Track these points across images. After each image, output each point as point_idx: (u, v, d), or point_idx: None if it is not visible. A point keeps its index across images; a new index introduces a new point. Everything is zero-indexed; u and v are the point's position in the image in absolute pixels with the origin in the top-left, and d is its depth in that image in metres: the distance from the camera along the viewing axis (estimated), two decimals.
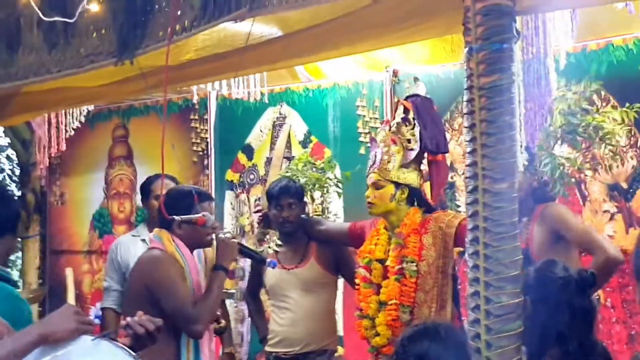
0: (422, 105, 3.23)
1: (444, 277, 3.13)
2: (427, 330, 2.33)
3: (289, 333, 3.69)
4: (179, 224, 3.23)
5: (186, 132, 5.26)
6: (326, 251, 3.72)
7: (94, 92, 3.66)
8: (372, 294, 3.23)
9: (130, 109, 5.57)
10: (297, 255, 3.75)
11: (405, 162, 3.20)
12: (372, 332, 3.21)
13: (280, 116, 4.89)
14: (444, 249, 3.12)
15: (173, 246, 3.19)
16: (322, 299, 3.73)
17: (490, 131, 2.29)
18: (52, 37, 3.14)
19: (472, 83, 2.32)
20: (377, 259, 3.24)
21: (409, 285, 3.11)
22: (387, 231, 3.29)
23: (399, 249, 3.17)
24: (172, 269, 3.12)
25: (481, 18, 2.29)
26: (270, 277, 3.78)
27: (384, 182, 3.20)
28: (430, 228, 3.15)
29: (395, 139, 3.19)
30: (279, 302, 3.76)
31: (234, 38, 3.16)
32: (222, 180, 5.11)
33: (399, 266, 3.13)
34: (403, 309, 3.11)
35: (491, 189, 2.29)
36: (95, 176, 5.77)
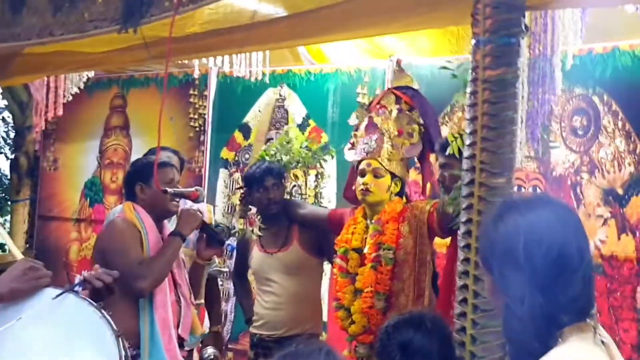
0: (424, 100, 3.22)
1: (422, 266, 3.11)
2: (413, 320, 2.33)
3: (272, 316, 3.68)
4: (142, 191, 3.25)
5: (184, 107, 5.23)
6: (309, 234, 3.69)
7: (96, 58, 3.62)
8: (348, 283, 3.21)
9: (130, 80, 5.54)
10: (279, 239, 3.72)
11: (405, 156, 3.18)
12: (348, 322, 3.19)
13: (280, 97, 4.87)
14: (420, 236, 3.10)
15: (133, 214, 3.20)
16: (306, 283, 3.71)
17: (491, 124, 2.29)
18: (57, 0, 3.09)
19: (477, 75, 2.32)
20: (353, 248, 3.22)
21: (385, 272, 3.09)
22: (365, 219, 3.26)
23: (376, 235, 3.14)
24: (127, 233, 3.14)
25: (490, 10, 2.29)
26: (254, 261, 3.76)
27: (384, 172, 3.16)
28: (407, 216, 3.13)
29: (402, 131, 3.16)
30: (263, 285, 3.74)
31: (240, 14, 3.13)
32: (217, 157, 5.10)
33: (375, 253, 3.11)
34: (378, 297, 3.09)
35: (488, 183, 2.29)
36: (90, 144, 5.75)
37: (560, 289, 1.37)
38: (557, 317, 1.37)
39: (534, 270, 1.37)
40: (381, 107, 3.24)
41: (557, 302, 1.37)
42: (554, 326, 1.37)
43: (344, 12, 2.84)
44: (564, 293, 1.37)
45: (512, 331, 1.41)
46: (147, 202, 3.25)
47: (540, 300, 1.36)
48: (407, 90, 3.23)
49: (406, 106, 3.19)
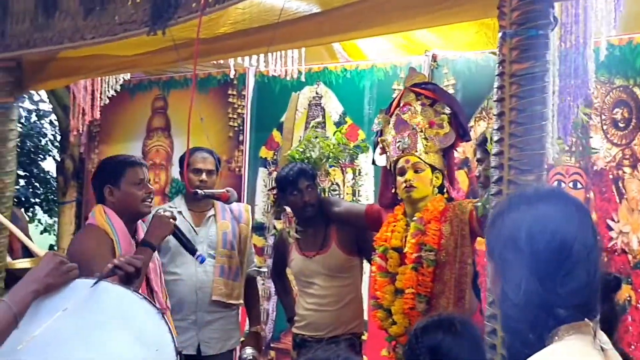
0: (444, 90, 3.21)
1: (462, 268, 3.05)
2: (442, 322, 2.28)
3: (315, 318, 3.68)
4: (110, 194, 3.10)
5: (223, 107, 5.24)
6: (347, 234, 3.66)
7: (128, 61, 3.65)
8: (387, 283, 3.17)
9: (170, 81, 5.58)
10: (317, 241, 3.69)
11: (441, 147, 3.14)
12: (389, 322, 3.16)
13: (317, 95, 4.84)
14: (462, 237, 3.04)
15: (104, 218, 3.07)
16: (347, 283, 3.70)
17: (519, 120, 2.23)
18: (89, 3, 3.13)
19: (504, 69, 2.26)
20: (393, 247, 3.17)
21: (427, 274, 3.03)
22: (405, 217, 3.21)
23: (418, 235, 3.08)
24: (96, 241, 3.00)
25: (517, 2, 2.23)
26: (294, 263, 3.75)
27: (423, 166, 3.12)
28: (449, 216, 3.07)
29: (434, 122, 3.12)
30: (304, 287, 3.74)
31: (270, 13, 3.12)
32: (256, 156, 5.09)
33: (416, 254, 3.06)
34: (420, 299, 3.05)
35: (517, 180, 2.23)
36: (133, 145, 5.77)
37: (560, 280, 1.33)
38: (553, 309, 1.33)
39: (533, 256, 1.35)
40: (404, 105, 3.20)
41: (555, 293, 1.33)
42: (551, 318, 1.33)
43: (370, 8, 2.81)
44: (563, 285, 1.33)
45: (508, 319, 1.38)
46: (116, 205, 3.10)
47: (538, 288, 1.33)
48: (426, 85, 3.20)
49: (427, 100, 3.15)
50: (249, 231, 4.02)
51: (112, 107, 5.50)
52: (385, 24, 2.93)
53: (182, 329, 3.95)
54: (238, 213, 3.99)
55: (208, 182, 3.87)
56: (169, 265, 3.85)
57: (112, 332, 2.17)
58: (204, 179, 3.86)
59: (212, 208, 3.95)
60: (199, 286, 3.86)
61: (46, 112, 7.01)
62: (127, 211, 3.11)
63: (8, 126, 3.47)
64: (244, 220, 4.00)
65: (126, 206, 3.10)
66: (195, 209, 3.96)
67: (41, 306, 2.15)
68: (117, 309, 2.21)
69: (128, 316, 2.19)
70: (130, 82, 5.55)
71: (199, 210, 3.95)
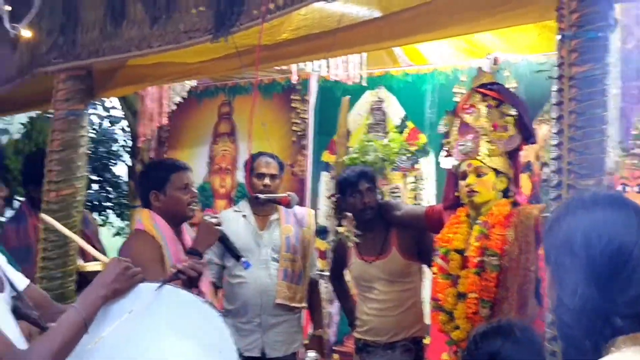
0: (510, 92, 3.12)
1: (526, 275, 2.97)
2: (501, 328, 2.25)
3: (376, 323, 3.67)
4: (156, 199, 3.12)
5: (287, 112, 5.30)
6: (408, 239, 3.63)
7: (193, 68, 3.72)
8: (449, 285, 3.12)
9: (236, 87, 5.67)
10: (377, 245, 3.67)
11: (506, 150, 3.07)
12: (451, 326, 3.11)
13: (378, 100, 4.85)
14: (526, 243, 2.97)
15: (151, 223, 3.10)
16: (408, 288, 3.68)
17: (578, 124, 2.20)
18: (154, 12, 3.20)
19: (563, 72, 2.24)
20: (455, 249, 3.12)
21: (490, 279, 2.97)
22: (469, 219, 3.15)
23: (482, 239, 3.03)
24: (146, 247, 3.02)
25: (576, 4, 2.20)
26: (354, 268, 3.75)
27: (486, 169, 3.06)
28: (513, 222, 3.00)
29: (497, 125, 3.06)
30: (365, 292, 3.73)
31: (330, 18, 3.15)
32: (319, 161, 5.13)
33: (479, 258, 3.00)
34: (483, 304, 2.99)
35: (576, 185, 2.20)
36: (200, 150, 5.88)
37: (618, 288, 1.29)
38: (610, 317, 1.29)
39: (590, 262, 1.31)
40: (469, 107, 3.15)
41: (613, 300, 1.29)
42: (607, 327, 1.30)
43: (430, 11, 2.81)
44: (621, 292, 1.29)
45: (563, 324, 1.35)
46: (162, 210, 3.13)
47: (594, 294, 1.30)
48: (492, 86, 3.13)
49: (494, 102, 3.09)
50: (311, 235, 4.04)
51: (180, 112, 5.64)
52: (445, 27, 2.91)
53: (247, 331, 4.02)
54: (301, 217, 4.03)
55: (271, 187, 3.91)
56: (234, 269, 3.93)
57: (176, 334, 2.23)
58: (267, 183, 3.90)
59: (276, 212, 3.99)
60: (263, 289, 3.91)
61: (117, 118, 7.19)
62: (173, 215, 3.14)
63: (79, 132, 3.56)
64: (307, 224, 4.03)
65: (172, 211, 3.13)
66: (259, 212, 4.01)
67: (108, 309, 2.21)
68: (181, 312, 2.26)
69: (191, 319, 2.25)
70: (197, 88, 5.68)
71: (263, 214, 4.01)
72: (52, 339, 2.04)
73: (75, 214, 3.54)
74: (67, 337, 2.05)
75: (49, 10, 3.53)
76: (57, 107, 3.56)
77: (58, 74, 3.59)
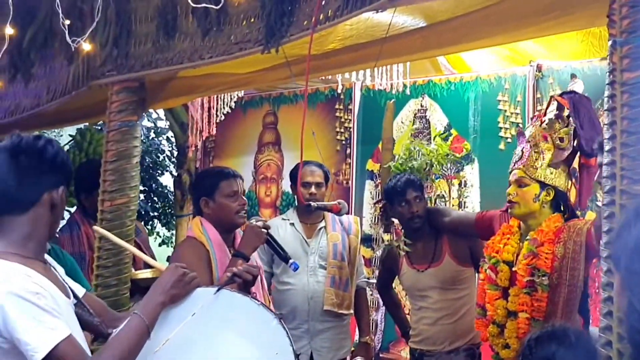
0: (580, 103, 3.04)
1: (572, 291, 2.94)
2: (556, 334, 2.26)
3: (432, 332, 3.65)
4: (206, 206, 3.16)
5: (331, 121, 5.37)
6: (460, 244, 3.62)
7: (243, 78, 3.78)
8: (498, 297, 3.08)
9: (280, 97, 5.74)
10: (428, 253, 3.65)
11: (555, 162, 3.02)
12: (500, 341, 3.06)
13: (422, 108, 4.88)
14: (572, 260, 2.92)
15: (201, 230, 3.14)
16: (462, 295, 3.66)
17: (631, 129, 2.19)
18: (206, 24, 3.25)
19: (615, 78, 2.23)
20: (504, 261, 3.08)
21: (542, 299, 2.93)
22: (520, 230, 3.11)
23: (530, 257, 2.98)
24: (194, 255, 3.07)
25: (627, 10, 2.20)
26: (406, 277, 3.72)
27: (528, 180, 3.01)
28: (563, 237, 2.96)
29: (547, 136, 3.01)
30: (418, 301, 3.71)
31: (377, 28, 3.17)
32: (363, 169, 5.18)
33: (529, 277, 2.96)
34: (535, 324, 2.94)
35: (630, 190, 2.19)
36: (245, 160, 5.97)
37: None
38: None
39: None
40: (538, 116, 3.13)
41: None
42: None
43: (475, 20, 2.82)
44: None
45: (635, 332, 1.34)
46: (212, 217, 3.18)
47: None
48: (568, 94, 3.08)
49: (567, 111, 3.03)
50: (358, 242, 4.07)
51: (226, 123, 5.74)
52: (491, 36, 2.93)
53: (296, 337, 4.04)
54: (348, 225, 4.07)
55: (317, 195, 3.96)
56: (282, 276, 3.98)
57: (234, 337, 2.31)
58: (313, 191, 3.95)
59: (322, 220, 4.05)
60: (311, 296, 3.96)
61: (163, 129, 7.31)
62: (222, 222, 3.20)
63: (132, 143, 3.63)
64: (353, 231, 4.07)
65: (221, 217, 3.19)
66: (306, 220, 4.06)
67: (169, 314, 2.29)
68: (238, 315, 2.33)
69: (248, 322, 2.32)
70: (242, 98, 5.76)
71: (310, 222, 4.06)
72: (118, 346, 2.11)
73: (128, 222, 3.60)
74: (132, 343, 2.12)
75: (103, 24, 3.62)
76: (111, 119, 3.64)
77: (112, 86, 3.67)
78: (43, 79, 4.06)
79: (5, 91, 4.27)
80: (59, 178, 2.15)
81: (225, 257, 3.15)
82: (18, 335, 1.92)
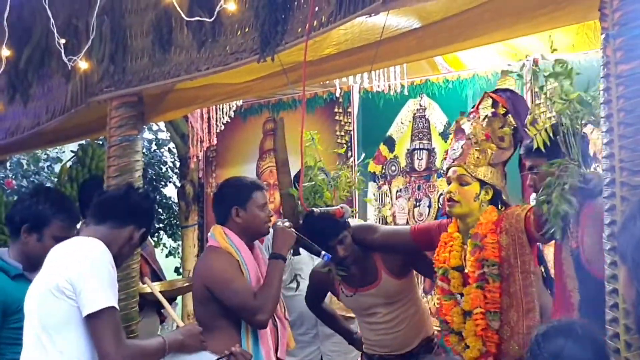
0: (518, 101, 3.06)
1: (526, 278, 2.90)
2: (562, 327, 2.26)
3: (386, 341, 3.58)
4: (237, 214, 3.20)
5: (331, 125, 5.37)
6: (394, 259, 3.48)
7: (241, 88, 3.79)
8: (454, 305, 3.03)
9: (279, 103, 5.75)
10: (364, 275, 3.49)
11: (495, 162, 3.00)
12: (462, 346, 3.02)
13: (421, 108, 4.89)
14: (520, 246, 2.89)
15: (227, 241, 3.19)
16: (409, 300, 3.56)
17: (628, 121, 2.20)
18: (201, 36, 3.27)
19: (609, 71, 2.24)
20: (453, 267, 3.04)
21: (494, 290, 2.89)
22: (461, 234, 3.06)
23: (477, 252, 2.94)
24: (227, 265, 3.13)
25: (618, 3, 2.20)
26: (348, 302, 3.60)
27: (470, 179, 2.99)
28: (504, 226, 2.92)
29: (489, 134, 2.98)
30: (366, 318, 3.61)
31: (371, 32, 3.18)
32: (365, 171, 5.18)
33: (479, 271, 2.92)
34: (491, 317, 2.91)
35: (629, 182, 2.19)
36: (247, 168, 5.96)
37: None
38: None
39: None
40: (475, 112, 3.10)
41: None
42: None
43: (470, 19, 2.82)
44: None
45: None
46: (241, 225, 3.23)
47: None
48: (504, 92, 3.10)
49: (502, 109, 3.03)
50: None
51: (226, 132, 5.75)
52: (486, 34, 2.93)
53: (305, 342, 4.07)
54: None
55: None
56: (288, 282, 3.98)
57: None
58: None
59: None
60: None
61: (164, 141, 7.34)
62: (251, 231, 3.25)
63: (134, 157, 3.64)
64: None
65: (251, 227, 3.24)
66: None
67: None
68: None
69: None
70: (241, 107, 5.77)
71: None
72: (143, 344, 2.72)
73: None
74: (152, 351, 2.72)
75: (99, 40, 3.64)
76: (112, 134, 3.65)
77: (110, 101, 3.68)
78: (42, 98, 4.08)
79: (5, 112, 4.30)
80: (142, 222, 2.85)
81: (254, 266, 3.22)
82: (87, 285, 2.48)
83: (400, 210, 4.96)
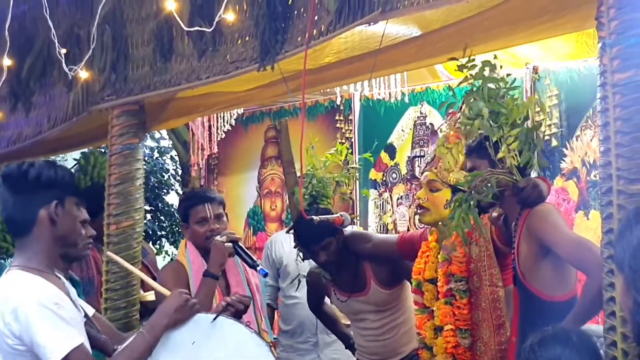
0: None
1: (494, 292, 2.75)
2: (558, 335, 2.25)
3: (375, 348, 3.55)
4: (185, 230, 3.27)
5: (332, 133, 5.38)
6: (384, 271, 3.42)
7: (241, 96, 3.81)
8: (427, 319, 2.92)
9: (281, 111, 5.76)
10: (353, 282, 3.43)
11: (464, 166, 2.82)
12: None
13: (421, 115, 4.90)
14: (488, 257, 2.75)
15: (184, 253, 3.26)
16: (398, 309, 3.52)
17: (625, 129, 2.20)
18: (202, 45, 3.29)
19: (606, 80, 2.24)
20: (427, 280, 2.92)
21: (462, 306, 2.76)
22: (438, 244, 2.94)
23: (446, 265, 2.81)
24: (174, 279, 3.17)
25: (615, 11, 2.21)
26: (338, 305, 3.59)
27: (440, 185, 2.86)
28: (475, 237, 2.76)
29: (461, 136, 2.80)
30: (356, 322, 3.59)
31: (371, 40, 3.19)
32: (366, 179, 5.19)
33: (447, 286, 2.80)
34: (462, 334, 2.78)
35: (626, 190, 2.19)
36: (249, 175, 5.98)
37: None
38: None
39: None
40: (452, 114, 3.07)
41: None
42: None
43: (469, 27, 2.84)
44: None
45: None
46: (191, 240, 3.30)
47: None
48: None
49: None
50: None
51: (228, 140, 5.77)
52: (485, 42, 2.93)
53: (305, 350, 4.07)
54: None
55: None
56: (289, 290, 3.98)
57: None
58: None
59: None
60: None
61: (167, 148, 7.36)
62: (198, 246, 3.29)
63: (135, 166, 3.66)
64: None
65: (196, 242, 3.29)
66: None
67: (169, 337, 2.46)
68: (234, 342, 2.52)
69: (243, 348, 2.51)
70: (243, 115, 5.79)
71: None
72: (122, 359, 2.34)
73: (135, 245, 3.63)
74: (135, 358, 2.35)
75: (100, 49, 3.66)
76: (113, 142, 3.67)
77: (112, 110, 3.71)
78: (43, 107, 4.11)
79: (7, 121, 4.32)
80: (49, 194, 2.29)
81: None
82: (37, 339, 2.13)
83: (401, 218, 4.97)
